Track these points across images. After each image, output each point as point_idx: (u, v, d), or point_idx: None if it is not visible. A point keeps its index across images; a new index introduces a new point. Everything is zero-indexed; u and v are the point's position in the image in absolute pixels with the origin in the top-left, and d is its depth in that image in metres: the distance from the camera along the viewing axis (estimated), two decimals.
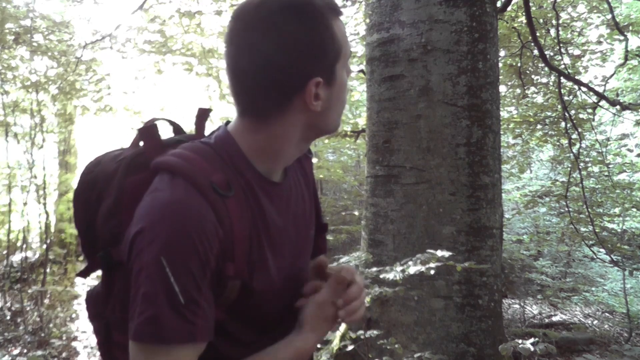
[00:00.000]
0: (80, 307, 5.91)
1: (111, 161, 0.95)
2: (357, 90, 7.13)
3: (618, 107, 5.25)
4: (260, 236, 0.88)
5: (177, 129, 1.07)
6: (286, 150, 0.91)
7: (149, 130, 0.95)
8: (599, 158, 6.21)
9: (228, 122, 0.95)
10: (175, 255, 0.76)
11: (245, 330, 0.92)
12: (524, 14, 4.87)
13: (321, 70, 0.86)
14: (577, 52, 6.08)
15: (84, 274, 0.98)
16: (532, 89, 6.56)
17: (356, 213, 6.49)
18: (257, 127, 0.88)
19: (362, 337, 2.72)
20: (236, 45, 0.85)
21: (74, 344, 4.68)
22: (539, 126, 6.29)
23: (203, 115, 1.03)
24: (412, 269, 2.23)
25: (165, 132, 1.00)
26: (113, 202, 0.89)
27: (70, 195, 8.03)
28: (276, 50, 0.82)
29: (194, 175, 0.81)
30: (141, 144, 0.97)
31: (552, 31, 5.67)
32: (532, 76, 6.42)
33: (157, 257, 0.76)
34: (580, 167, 5.28)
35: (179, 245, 0.77)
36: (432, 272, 2.20)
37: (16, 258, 6.31)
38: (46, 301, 5.73)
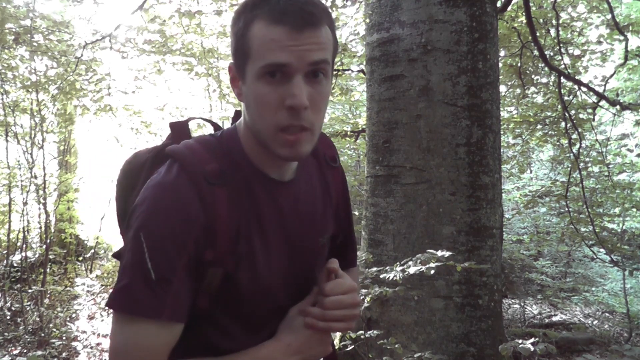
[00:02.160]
0: (80, 307, 5.91)
1: (145, 154, 1.02)
2: (357, 90, 7.13)
3: (618, 107, 5.25)
4: (250, 230, 0.89)
5: (216, 128, 1.10)
6: (260, 147, 0.90)
7: (180, 126, 1.04)
8: (599, 158, 6.21)
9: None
10: (153, 232, 0.81)
11: (234, 326, 0.92)
12: (524, 14, 4.87)
13: (234, 57, 0.88)
14: (577, 52, 6.08)
15: (119, 255, 1.03)
16: (532, 89, 6.56)
17: (356, 213, 6.49)
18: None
19: (362, 337, 2.72)
20: None
21: (74, 344, 4.68)
22: (539, 126, 6.29)
23: (237, 116, 1.05)
24: (412, 269, 2.23)
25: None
26: (139, 190, 0.94)
27: (70, 195, 8.04)
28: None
29: (189, 162, 0.86)
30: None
31: (552, 31, 5.66)
32: (532, 76, 6.42)
33: (138, 232, 0.81)
34: (580, 167, 5.28)
35: (156, 223, 0.81)
36: (432, 272, 2.20)
37: (16, 258, 6.31)
38: (46, 301, 5.73)
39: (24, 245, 6.09)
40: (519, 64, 5.71)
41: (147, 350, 0.82)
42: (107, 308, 0.88)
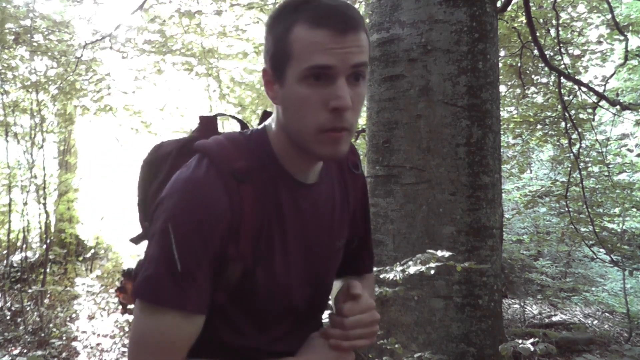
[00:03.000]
0: (80, 307, 5.91)
1: (170, 145, 1.04)
2: None
3: (618, 107, 5.25)
4: (272, 230, 0.90)
5: (244, 126, 1.11)
6: (292, 149, 0.92)
7: (208, 120, 1.06)
8: (599, 158, 6.21)
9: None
10: (181, 226, 0.82)
11: (246, 322, 0.93)
12: (524, 14, 4.87)
13: (269, 61, 0.89)
14: (577, 52, 6.08)
15: (137, 240, 1.06)
16: (532, 89, 6.56)
17: None
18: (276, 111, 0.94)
19: None
20: None
21: (74, 344, 4.68)
22: (539, 126, 6.29)
23: (264, 117, 1.06)
24: (412, 269, 2.23)
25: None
26: (162, 179, 0.97)
27: (70, 195, 8.05)
28: (266, 31, 0.91)
29: (218, 158, 0.87)
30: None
31: (552, 31, 5.67)
32: (532, 76, 6.42)
33: (166, 224, 0.82)
34: (580, 167, 5.27)
35: (185, 217, 0.82)
36: (432, 272, 2.20)
37: (16, 258, 6.31)
38: (46, 301, 5.73)
39: (24, 245, 6.10)
40: (519, 64, 5.71)
41: (170, 341, 0.83)
42: (107, 309, 0.86)
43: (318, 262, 0.99)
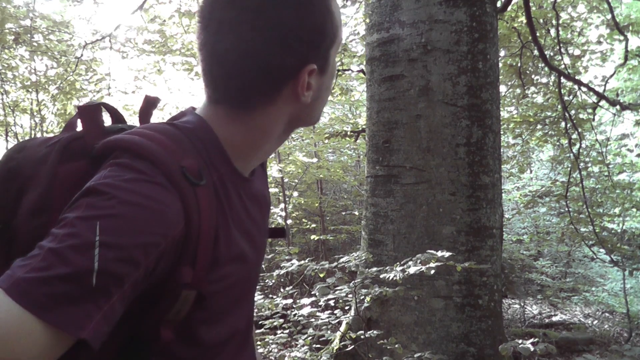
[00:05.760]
0: None
1: (40, 146, 0.76)
2: (357, 90, 7.13)
3: (618, 107, 5.26)
4: (227, 239, 0.74)
5: (117, 117, 0.88)
6: (266, 145, 0.80)
7: (89, 111, 0.77)
8: (599, 158, 6.22)
9: (194, 108, 0.82)
10: (114, 228, 0.60)
11: (192, 354, 0.76)
12: (524, 14, 4.87)
13: (317, 56, 0.74)
14: (577, 52, 6.09)
15: None
16: (532, 89, 6.56)
17: (356, 213, 6.49)
18: (235, 118, 0.76)
19: (362, 337, 2.72)
20: (219, 21, 0.72)
21: None
22: (539, 126, 6.30)
23: (151, 104, 0.85)
24: (412, 269, 2.24)
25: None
26: (41, 194, 0.71)
27: None
28: (271, 30, 0.70)
29: (161, 156, 0.66)
30: (79, 128, 0.79)
31: (552, 31, 5.67)
32: (532, 76, 6.43)
33: (93, 220, 0.59)
34: (580, 167, 5.28)
35: (124, 219, 0.60)
36: (432, 272, 2.21)
37: None
38: None
39: None
40: (519, 64, 5.71)
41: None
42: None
43: (258, 262, 0.87)
